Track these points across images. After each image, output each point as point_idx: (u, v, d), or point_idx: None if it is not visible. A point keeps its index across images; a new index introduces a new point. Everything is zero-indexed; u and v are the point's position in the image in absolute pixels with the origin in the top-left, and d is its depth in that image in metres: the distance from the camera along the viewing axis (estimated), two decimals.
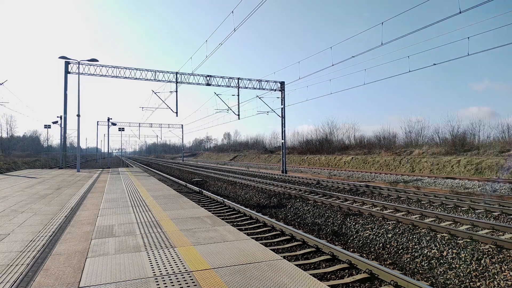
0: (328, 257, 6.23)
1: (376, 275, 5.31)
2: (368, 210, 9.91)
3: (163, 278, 3.40)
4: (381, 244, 7.70)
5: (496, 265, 5.88)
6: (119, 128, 61.18)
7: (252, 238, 6.21)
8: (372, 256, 7.07)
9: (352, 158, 35.93)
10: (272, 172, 29.63)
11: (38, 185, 13.03)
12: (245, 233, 6.78)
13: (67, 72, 23.77)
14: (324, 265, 6.03)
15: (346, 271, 5.69)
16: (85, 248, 4.49)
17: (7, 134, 74.43)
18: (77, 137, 23.16)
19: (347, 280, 5.31)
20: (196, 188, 16.58)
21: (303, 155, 46.60)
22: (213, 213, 8.76)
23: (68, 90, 23.86)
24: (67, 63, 23.70)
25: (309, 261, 6.17)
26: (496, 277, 5.60)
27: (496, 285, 5.42)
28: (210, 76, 27.42)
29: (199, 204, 11.78)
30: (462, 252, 6.50)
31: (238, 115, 29.50)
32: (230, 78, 28.13)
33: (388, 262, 6.71)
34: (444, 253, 6.61)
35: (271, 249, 5.41)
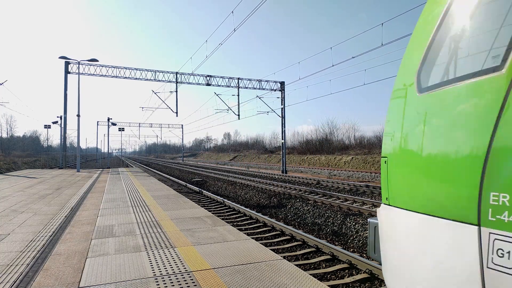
0: (328, 257, 6.23)
1: (376, 275, 5.31)
2: (368, 210, 9.90)
3: (163, 278, 3.40)
4: None
5: None
6: (119, 128, 61.19)
7: (252, 238, 6.22)
8: None
9: (352, 158, 35.94)
10: (272, 172, 29.64)
11: (38, 185, 13.03)
12: (245, 233, 6.79)
13: (67, 72, 23.77)
14: (324, 265, 6.03)
15: (346, 271, 5.68)
16: (85, 248, 4.49)
17: (7, 134, 74.49)
18: (77, 137, 23.18)
19: (347, 280, 5.30)
20: (196, 188, 16.59)
21: (303, 155, 46.60)
22: (213, 213, 8.76)
23: (68, 90, 23.87)
24: (67, 63, 23.71)
25: (309, 261, 6.17)
26: None
27: None
28: (210, 76, 27.43)
29: (199, 204, 11.77)
30: None
31: (238, 115, 29.52)
32: (230, 78, 28.14)
33: None
34: None
35: (271, 249, 5.42)
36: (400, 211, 1.95)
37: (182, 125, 70.49)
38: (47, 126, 49.20)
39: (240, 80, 28.41)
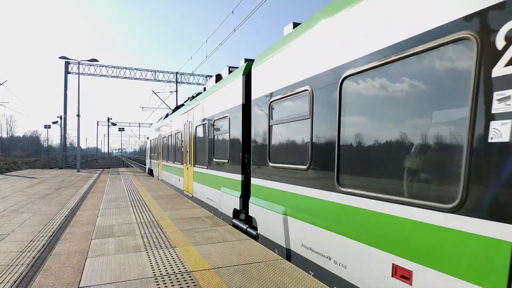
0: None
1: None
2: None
3: (163, 278, 3.41)
4: None
5: None
6: (119, 128, 61.24)
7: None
8: None
9: None
10: None
11: (38, 185, 13.04)
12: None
13: (67, 72, 23.78)
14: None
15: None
16: (85, 248, 4.49)
17: (7, 134, 74.56)
18: (77, 137, 23.18)
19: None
20: None
21: None
22: (213, 213, 8.75)
23: (68, 90, 23.88)
24: (67, 63, 23.72)
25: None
26: None
27: None
28: (210, 76, 27.43)
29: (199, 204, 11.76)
30: None
31: None
32: None
33: None
34: None
35: (271, 249, 5.40)
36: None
37: None
38: (47, 126, 49.27)
39: None
